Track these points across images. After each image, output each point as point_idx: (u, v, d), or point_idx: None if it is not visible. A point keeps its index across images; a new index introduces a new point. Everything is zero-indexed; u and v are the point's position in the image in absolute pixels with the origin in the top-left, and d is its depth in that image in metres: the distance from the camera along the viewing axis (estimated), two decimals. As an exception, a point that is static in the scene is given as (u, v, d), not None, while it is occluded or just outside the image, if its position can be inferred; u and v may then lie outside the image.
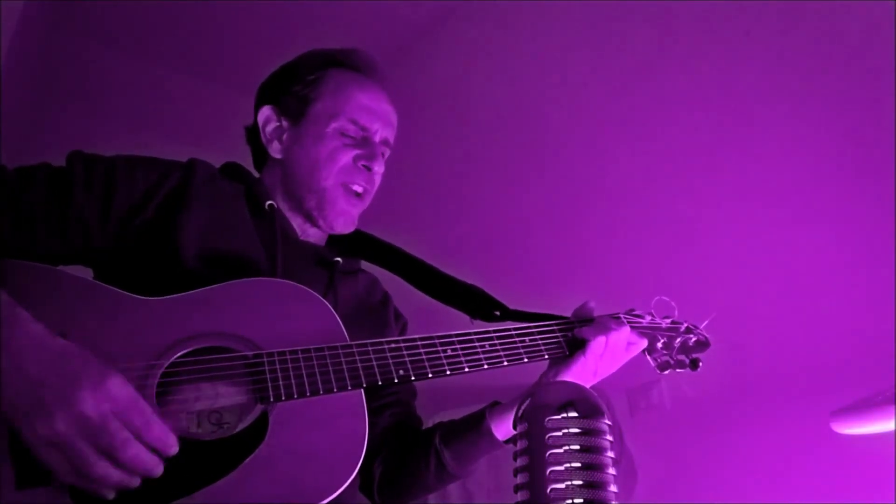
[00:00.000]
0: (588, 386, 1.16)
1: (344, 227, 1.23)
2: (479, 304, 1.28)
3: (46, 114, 2.89)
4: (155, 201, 1.08)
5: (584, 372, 1.14)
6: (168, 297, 0.98)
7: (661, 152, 2.13)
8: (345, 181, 1.20)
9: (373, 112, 1.22)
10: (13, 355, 0.79)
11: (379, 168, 1.22)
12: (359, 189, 1.21)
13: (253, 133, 1.28)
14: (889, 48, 1.60)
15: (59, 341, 0.82)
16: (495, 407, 1.17)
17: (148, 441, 0.80)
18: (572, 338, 1.17)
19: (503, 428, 1.15)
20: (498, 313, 1.26)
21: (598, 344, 1.14)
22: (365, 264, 1.35)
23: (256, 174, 1.29)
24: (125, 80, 2.91)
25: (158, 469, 0.81)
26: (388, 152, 1.27)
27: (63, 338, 0.84)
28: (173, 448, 0.82)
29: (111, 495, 0.80)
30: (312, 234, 1.26)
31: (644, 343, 1.21)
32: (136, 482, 0.80)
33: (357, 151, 1.20)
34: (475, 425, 1.17)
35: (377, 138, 1.23)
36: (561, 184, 2.41)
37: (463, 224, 2.71)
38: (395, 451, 1.24)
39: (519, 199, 2.55)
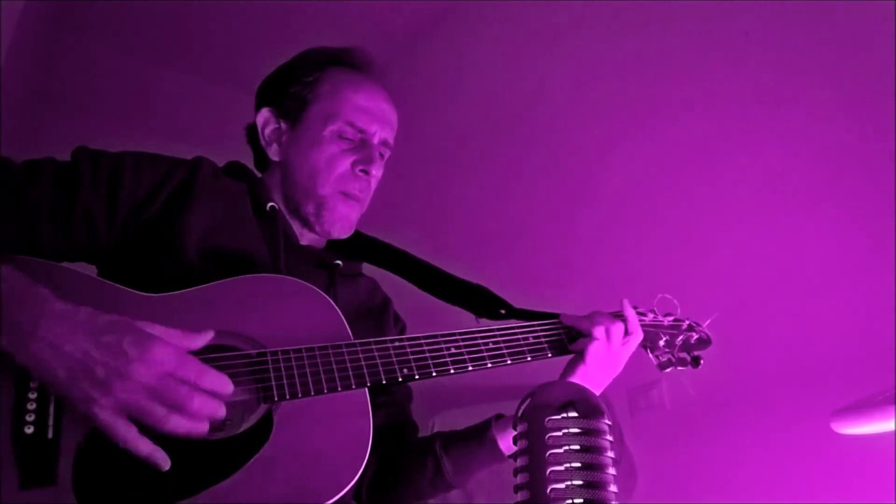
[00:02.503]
0: (602, 386, 1.17)
1: (341, 231, 1.22)
2: (485, 303, 1.28)
3: (46, 114, 2.89)
4: (160, 198, 1.08)
5: (594, 368, 1.14)
6: (171, 293, 0.98)
7: (663, 151, 2.13)
8: (343, 189, 1.19)
9: (370, 113, 1.21)
10: (47, 338, 0.81)
11: (377, 171, 1.21)
12: (356, 195, 1.21)
13: (253, 133, 1.27)
14: (889, 48, 1.60)
15: (83, 313, 0.84)
16: (500, 419, 1.16)
17: (206, 388, 0.84)
18: (575, 334, 1.17)
19: (508, 440, 1.13)
20: (503, 312, 1.26)
21: (600, 332, 1.14)
22: (368, 267, 1.35)
23: (259, 174, 1.29)
24: (125, 80, 2.91)
25: (221, 411, 0.85)
26: (387, 153, 1.26)
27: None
28: (229, 387, 0.86)
29: (167, 465, 0.83)
30: (311, 239, 1.25)
31: (640, 333, 1.20)
32: (205, 428, 0.84)
33: (355, 157, 1.19)
34: (479, 435, 1.16)
35: (375, 140, 1.22)
36: (563, 182, 2.41)
37: (463, 224, 2.71)
38: (390, 454, 1.22)
39: (520, 197, 2.55)
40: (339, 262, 1.23)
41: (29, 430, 0.82)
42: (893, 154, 1.62)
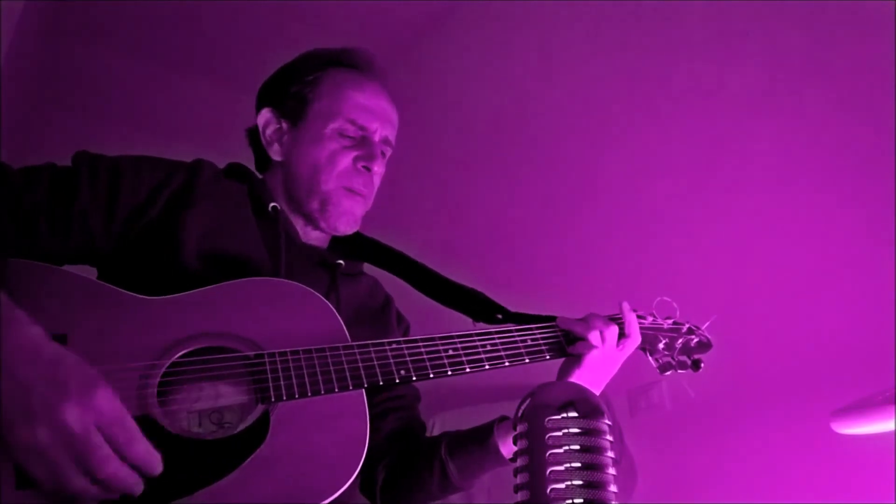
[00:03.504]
0: (599, 389, 1.17)
1: (346, 226, 1.22)
2: (481, 308, 1.28)
3: (46, 114, 2.89)
4: (160, 201, 1.08)
5: (589, 370, 1.14)
6: (170, 296, 0.98)
7: (661, 153, 2.13)
8: (345, 184, 1.19)
9: (371, 111, 1.22)
10: (6, 358, 0.77)
11: (379, 168, 1.22)
12: (359, 190, 1.21)
13: (254, 135, 1.28)
14: (889, 48, 1.60)
15: (52, 346, 0.79)
16: (503, 422, 1.16)
17: (130, 459, 0.78)
18: (573, 337, 1.17)
19: (510, 444, 1.14)
20: (500, 316, 1.26)
21: (594, 335, 1.14)
22: (367, 267, 1.35)
23: (259, 175, 1.29)
24: (125, 81, 2.91)
25: (138, 489, 0.78)
26: (388, 151, 1.27)
27: (62, 343, 0.82)
28: (157, 469, 0.79)
29: None
30: (314, 237, 1.26)
31: (637, 335, 1.20)
32: (114, 497, 0.77)
33: (356, 153, 1.20)
34: (482, 440, 1.15)
35: (377, 137, 1.22)
36: (562, 184, 2.41)
37: (462, 225, 2.71)
38: (400, 457, 1.23)
39: (519, 199, 2.55)
40: (340, 261, 1.23)
41: None
42: (893, 154, 1.61)
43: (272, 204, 1.19)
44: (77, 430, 0.74)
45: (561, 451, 0.74)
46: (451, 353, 1.05)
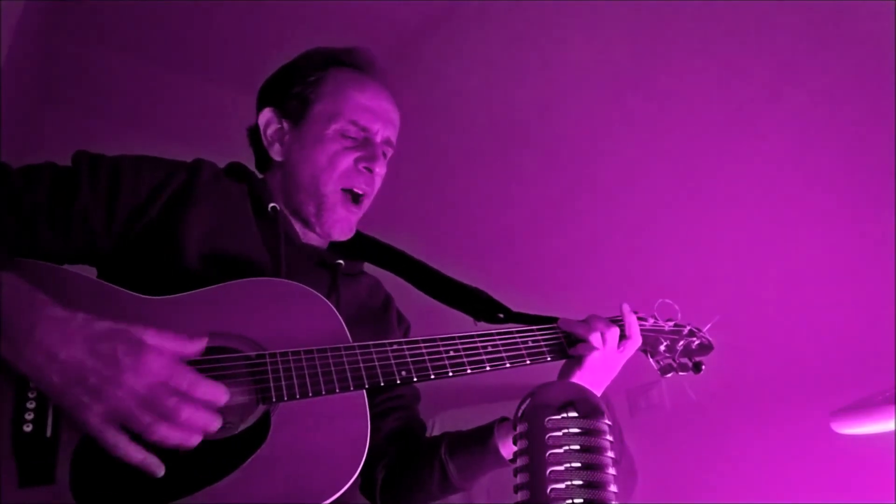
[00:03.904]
0: (600, 390, 1.17)
1: (341, 233, 1.22)
2: (483, 307, 1.28)
3: (46, 114, 2.89)
4: (160, 201, 1.08)
5: (590, 372, 1.14)
6: (171, 296, 0.98)
7: (663, 154, 2.13)
8: (346, 185, 1.19)
9: (373, 112, 1.22)
10: (41, 344, 0.81)
11: (380, 169, 1.22)
12: (360, 191, 1.21)
13: (255, 135, 1.27)
14: (889, 48, 1.60)
15: (79, 319, 0.84)
16: (504, 423, 1.16)
17: (198, 398, 0.84)
18: (574, 339, 1.17)
19: (510, 445, 1.14)
20: (502, 316, 1.26)
21: (596, 337, 1.14)
22: (368, 266, 1.35)
23: (260, 175, 1.29)
24: (125, 80, 2.91)
25: (215, 423, 0.85)
26: (390, 152, 1.27)
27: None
28: (224, 397, 0.86)
29: (161, 470, 0.83)
30: (314, 237, 1.25)
31: (638, 337, 1.20)
32: (196, 440, 0.84)
33: (358, 153, 1.20)
34: (482, 441, 1.15)
35: (378, 138, 1.22)
36: (563, 185, 2.40)
37: (463, 225, 2.71)
38: (400, 457, 1.23)
39: (521, 199, 2.55)
40: (340, 261, 1.23)
41: (28, 428, 0.82)
42: (893, 154, 1.62)
43: (272, 204, 1.19)
44: (144, 392, 0.81)
45: (561, 451, 0.74)
46: (452, 354, 1.05)
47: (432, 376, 1.03)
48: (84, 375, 0.81)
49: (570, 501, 0.71)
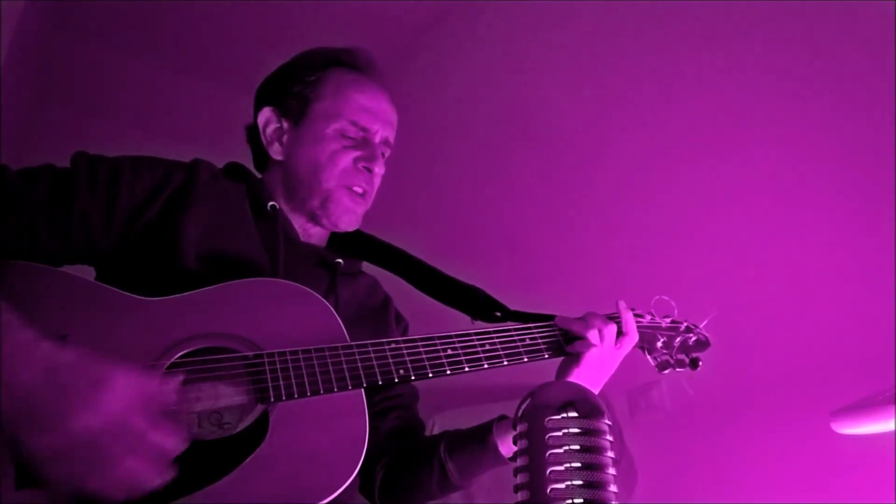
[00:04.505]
0: (598, 387, 1.17)
1: (348, 224, 1.23)
2: (480, 306, 1.28)
3: (46, 114, 2.89)
4: (158, 202, 1.08)
5: (588, 369, 1.14)
6: (169, 297, 0.98)
7: (660, 152, 2.13)
8: (346, 183, 1.20)
9: (373, 113, 1.22)
10: (6, 364, 0.76)
11: (379, 169, 1.23)
12: (359, 190, 1.21)
13: (253, 133, 1.28)
14: (889, 48, 1.60)
15: (44, 347, 0.78)
16: (502, 421, 1.16)
17: (143, 452, 0.78)
18: (571, 336, 1.17)
19: (509, 443, 1.13)
20: (499, 314, 1.26)
21: (593, 334, 1.14)
22: (366, 265, 1.35)
23: (258, 174, 1.29)
24: (125, 80, 2.91)
25: (154, 482, 0.78)
26: (388, 152, 1.27)
27: (61, 340, 0.82)
28: (177, 449, 0.80)
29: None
30: (314, 235, 1.26)
31: (635, 334, 1.20)
32: (133, 495, 0.78)
33: (357, 153, 1.20)
34: (480, 439, 1.15)
35: (377, 139, 1.23)
36: (560, 183, 2.40)
37: (462, 224, 2.71)
38: (399, 457, 1.23)
39: (518, 199, 2.55)
40: (339, 260, 1.23)
41: None
42: (893, 154, 1.61)
43: (270, 203, 1.19)
44: (85, 435, 0.75)
45: (561, 450, 0.74)
46: (449, 352, 1.06)
47: (430, 375, 1.03)
48: (33, 404, 0.75)
49: (570, 501, 0.71)
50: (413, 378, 1.02)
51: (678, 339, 1.27)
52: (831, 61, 1.74)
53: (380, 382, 0.99)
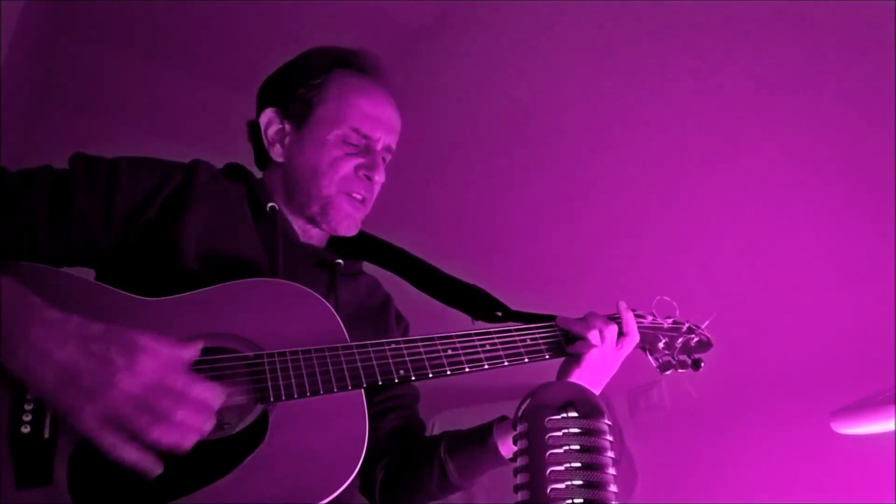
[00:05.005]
0: (599, 388, 1.17)
1: (347, 230, 1.22)
2: (481, 305, 1.28)
3: (46, 114, 2.89)
4: (157, 203, 1.08)
5: (588, 370, 1.14)
6: (169, 297, 0.98)
7: (662, 152, 2.13)
8: (346, 190, 1.20)
9: (376, 120, 1.22)
10: (38, 345, 0.80)
11: (380, 178, 1.22)
12: (359, 196, 1.21)
13: (255, 131, 1.27)
14: (889, 48, 1.60)
15: (74, 321, 0.83)
16: (503, 422, 1.16)
17: (191, 401, 0.82)
18: (572, 336, 1.17)
19: (509, 444, 1.13)
20: (500, 314, 1.26)
21: (594, 335, 1.14)
22: (366, 265, 1.35)
23: (259, 172, 1.29)
24: (125, 80, 2.91)
25: (209, 424, 0.84)
26: (389, 157, 1.27)
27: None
28: (220, 398, 0.85)
29: (159, 469, 0.82)
30: (314, 236, 1.26)
31: (636, 334, 1.20)
32: (191, 441, 0.82)
33: (359, 161, 1.20)
34: (481, 440, 1.15)
35: (379, 146, 1.22)
36: (562, 183, 2.40)
37: (463, 224, 2.71)
38: (399, 457, 1.23)
39: (520, 199, 2.55)
40: (339, 261, 1.23)
41: (25, 429, 0.82)
42: (893, 154, 1.61)
43: (270, 204, 1.19)
44: (139, 393, 0.80)
45: (561, 451, 0.74)
46: (449, 352, 1.05)
47: (430, 375, 1.03)
48: (78, 376, 0.80)
49: (570, 501, 0.71)
50: (413, 378, 1.02)
51: (680, 340, 1.27)
52: (831, 62, 1.74)
53: (380, 382, 0.99)
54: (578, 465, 0.73)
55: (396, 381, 1.01)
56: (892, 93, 1.61)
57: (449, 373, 1.04)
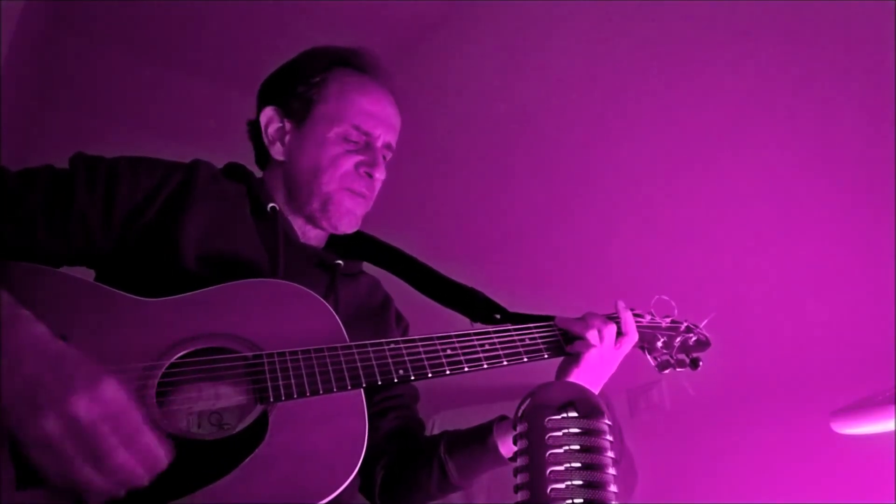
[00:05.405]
0: (598, 387, 1.17)
1: (348, 226, 1.23)
2: (480, 308, 1.28)
3: (46, 114, 2.89)
4: (157, 203, 1.08)
5: (587, 369, 1.14)
6: (169, 298, 0.98)
7: (660, 152, 2.13)
8: (347, 186, 1.20)
9: (376, 117, 1.22)
10: (11, 354, 0.77)
11: (380, 175, 1.22)
12: (361, 192, 1.21)
13: (255, 130, 1.27)
14: (889, 49, 1.60)
15: (57, 343, 0.80)
16: (503, 422, 1.16)
17: (137, 450, 0.77)
18: (571, 336, 1.17)
19: (509, 444, 1.13)
20: (498, 316, 1.26)
21: (592, 334, 1.14)
22: (366, 265, 1.35)
23: (259, 172, 1.29)
24: (125, 80, 2.91)
25: (143, 481, 0.78)
26: (389, 155, 1.27)
27: (64, 341, 0.82)
28: (163, 461, 0.79)
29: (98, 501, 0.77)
30: (313, 236, 1.26)
31: (634, 333, 1.20)
32: (120, 492, 0.77)
33: (359, 158, 1.20)
34: (481, 439, 1.15)
35: (379, 143, 1.23)
36: (561, 184, 2.40)
37: (462, 224, 2.71)
38: (399, 457, 1.23)
39: (518, 199, 2.55)
40: (339, 261, 1.23)
41: None
42: (893, 154, 1.61)
43: (270, 204, 1.19)
44: (84, 420, 0.74)
45: (561, 451, 0.74)
46: (449, 352, 1.05)
47: (430, 375, 1.03)
48: (35, 387, 0.75)
49: (570, 501, 0.71)
50: (412, 378, 1.02)
51: (678, 339, 1.27)
52: (831, 62, 1.74)
53: (379, 382, 0.99)
54: (578, 464, 0.73)
55: (396, 380, 1.01)
56: (893, 92, 1.61)
57: (448, 372, 1.04)
